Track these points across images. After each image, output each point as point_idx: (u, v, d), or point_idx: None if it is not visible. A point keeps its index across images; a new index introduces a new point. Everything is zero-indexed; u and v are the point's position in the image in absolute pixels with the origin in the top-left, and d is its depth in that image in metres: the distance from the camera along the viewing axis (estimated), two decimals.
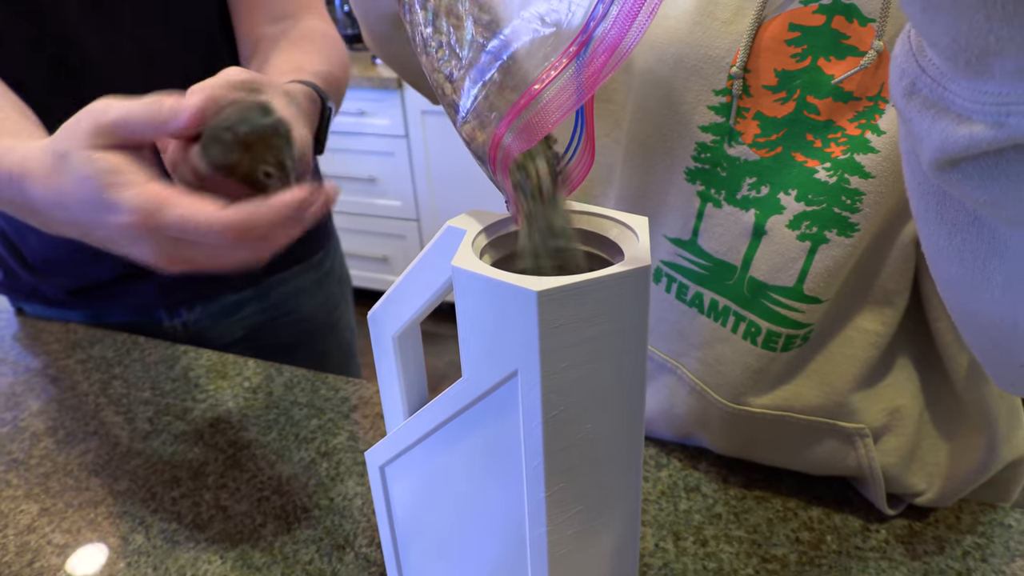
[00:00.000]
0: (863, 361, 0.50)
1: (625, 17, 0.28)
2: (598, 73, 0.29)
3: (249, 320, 0.88)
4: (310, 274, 0.91)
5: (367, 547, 0.54)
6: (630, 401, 0.33)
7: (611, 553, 0.38)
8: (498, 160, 0.31)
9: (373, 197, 2.46)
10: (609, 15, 0.28)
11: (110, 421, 0.69)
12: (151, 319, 0.84)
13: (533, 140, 0.30)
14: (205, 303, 0.85)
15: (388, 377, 0.42)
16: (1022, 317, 0.31)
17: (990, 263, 0.30)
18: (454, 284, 0.32)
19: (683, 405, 0.58)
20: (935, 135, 0.26)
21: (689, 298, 0.53)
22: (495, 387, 0.32)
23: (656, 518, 0.55)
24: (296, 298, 0.91)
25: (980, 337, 0.36)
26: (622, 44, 0.28)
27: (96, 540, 0.56)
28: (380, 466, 0.43)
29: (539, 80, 0.30)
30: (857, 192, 0.44)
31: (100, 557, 0.55)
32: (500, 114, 0.31)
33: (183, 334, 0.85)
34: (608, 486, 0.35)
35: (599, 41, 0.28)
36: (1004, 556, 0.51)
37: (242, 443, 0.65)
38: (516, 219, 0.34)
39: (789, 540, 0.53)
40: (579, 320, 0.29)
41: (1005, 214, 0.27)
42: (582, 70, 0.29)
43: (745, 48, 0.44)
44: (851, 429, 0.52)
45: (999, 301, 0.31)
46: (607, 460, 0.34)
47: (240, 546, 0.55)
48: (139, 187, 0.42)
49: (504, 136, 0.31)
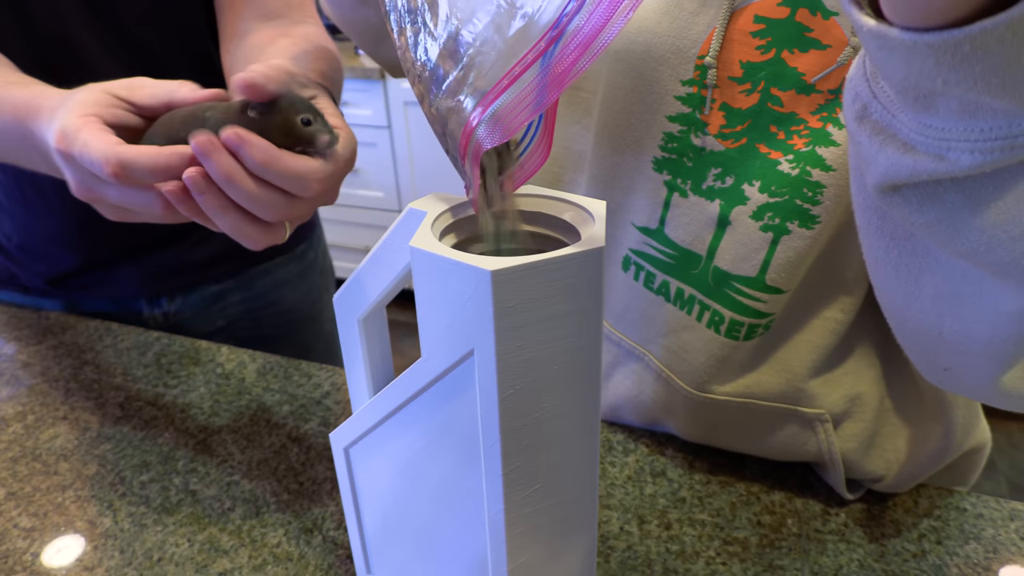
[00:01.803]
0: (822, 348, 0.51)
1: (601, 13, 0.28)
2: (569, 70, 0.29)
3: (231, 311, 0.88)
4: (293, 265, 0.91)
5: (335, 530, 0.54)
6: (586, 381, 0.34)
7: (569, 532, 0.38)
8: (469, 151, 0.32)
9: (356, 188, 2.45)
10: (584, 10, 0.28)
11: (80, 406, 0.69)
12: (130, 309, 0.84)
13: (507, 135, 0.31)
14: (186, 293, 0.84)
15: (354, 360, 0.43)
16: (947, 328, 0.33)
17: (922, 277, 0.33)
18: (412, 265, 0.32)
19: (650, 392, 0.58)
20: (882, 161, 0.28)
21: (656, 286, 0.54)
22: (453, 367, 0.33)
23: (622, 502, 0.56)
24: (279, 289, 0.90)
25: (910, 340, 0.39)
26: (595, 41, 0.28)
27: (63, 524, 0.56)
28: (344, 447, 0.43)
29: (508, 75, 0.30)
30: (818, 185, 0.45)
31: (67, 540, 0.55)
32: (472, 100, 0.31)
33: (163, 324, 0.85)
34: (565, 466, 0.36)
35: (571, 36, 0.29)
36: (958, 539, 0.52)
37: (213, 428, 0.65)
38: (474, 204, 0.34)
39: (751, 523, 0.54)
40: (533, 300, 0.30)
41: (938, 237, 0.29)
42: (550, 67, 0.29)
43: (718, 37, 0.45)
44: (811, 415, 0.53)
45: (928, 311, 0.34)
46: (564, 440, 0.35)
47: (208, 529, 0.55)
48: (75, 116, 0.43)
49: (477, 128, 0.31)
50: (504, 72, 0.30)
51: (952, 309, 0.33)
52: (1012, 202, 0.26)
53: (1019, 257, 0.27)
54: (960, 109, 0.24)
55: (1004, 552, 0.51)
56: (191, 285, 0.84)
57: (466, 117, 0.31)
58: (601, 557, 0.52)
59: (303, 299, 0.93)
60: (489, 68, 0.31)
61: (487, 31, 0.31)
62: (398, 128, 2.27)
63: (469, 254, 0.30)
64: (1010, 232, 0.27)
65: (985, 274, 0.30)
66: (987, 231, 0.27)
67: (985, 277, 0.30)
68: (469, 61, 0.32)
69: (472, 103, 0.31)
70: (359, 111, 2.30)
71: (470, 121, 0.31)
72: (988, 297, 0.31)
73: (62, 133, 0.42)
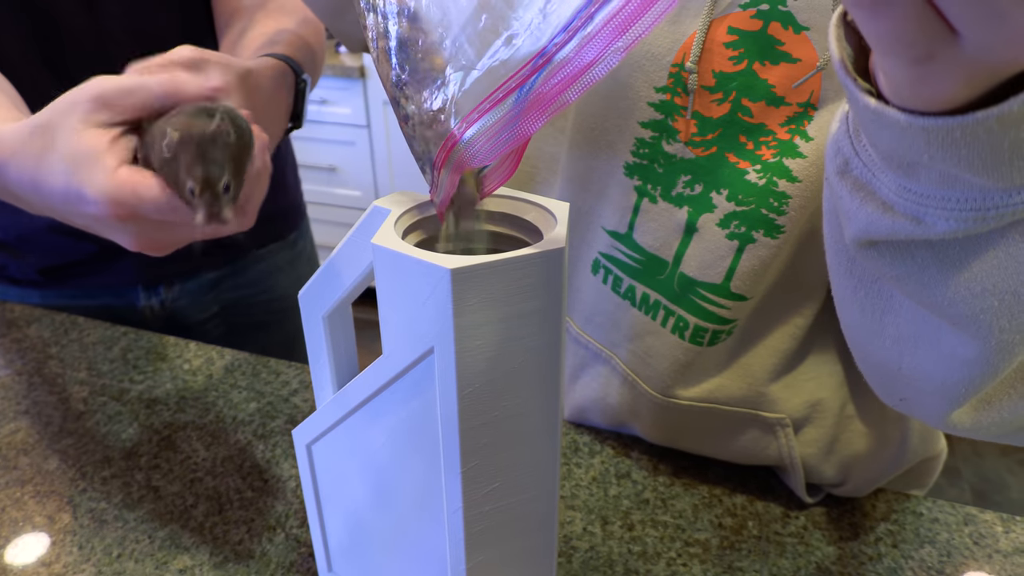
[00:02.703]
0: (784, 352, 0.52)
1: (592, 49, 0.28)
2: (553, 99, 0.29)
3: (224, 297, 0.88)
4: (284, 252, 0.92)
5: (298, 528, 0.54)
6: (546, 381, 0.34)
7: (529, 531, 0.39)
8: (449, 163, 0.32)
9: (333, 186, 2.44)
10: (572, 43, 0.28)
11: (43, 401, 0.68)
12: (126, 299, 0.83)
13: (490, 158, 0.31)
14: (184, 280, 0.84)
15: (318, 357, 0.43)
16: (905, 365, 0.37)
17: (885, 318, 0.36)
18: (374, 262, 0.32)
19: (616, 395, 0.59)
20: (862, 217, 0.31)
21: (623, 290, 0.55)
22: (413, 364, 0.33)
23: (586, 503, 0.56)
24: (271, 276, 0.91)
25: (871, 370, 0.42)
26: (585, 75, 0.28)
27: (20, 519, 0.55)
28: (307, 444, 0.43)
29: (490, 98, 0.30)
30: (784, 195, 0.45)
31: (23, 536, 0.54)
32: (455, 118, 0.31)
33: (159, 314, 0.84)
34: (525, 465, 0.36)
35: (558, 67, 0.28)
36: (914, 542, 0.54)
37: (178, 425, 0.65)
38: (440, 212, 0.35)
39: (712, 525, 0.55)
40: (493, 299, 0.30)
41: (905, 288, 0.32)
42: (530, 97, 0.29)
43: (698, 43, 0.45)
44: (773, 419, 0.54)
45: (889, 349, 0.37)
46: (523, 439, 0.35)
47: (169, 526, 0.54)
48: (108, 174, 0.40)
49: (460, 143, 0.31)
50: (486, 95, 0.30)
51: (911, 350, 0.35)
52: (977, 265, 0.29)
53: (978, 312, 0.30)
54: (940, 179, 0.27)
55: (957, 556, 0.52)
56: (190, 272, 0.84)
57: (447, 130, 0.31)
58: (563, 557, 0.52)
59: (293, 287, 0.94)
60: (472, 86, 0.31)
61: (468, 47, 0.31)
62: (377, 127, 2.27)
63: (430, 252, 0.30)
64: (972, 290, 0.30)
65: (945, 323, 0.32)
66: (951, 288, 0.30)
67: (944, 326, 0.32)
68: (449, 77, 0.32)
69: (455, 120, 0.31)
70: (338, 109, 2.29)
71: (453, 134, 0.31)
72: (945, 343, 0.33)
73: (112, 199, 0.39)
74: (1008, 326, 0.30)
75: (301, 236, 0.95)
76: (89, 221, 0.43)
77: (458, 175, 0.32)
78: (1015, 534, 0.54)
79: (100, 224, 0.42)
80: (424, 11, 0.32)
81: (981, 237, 0.28)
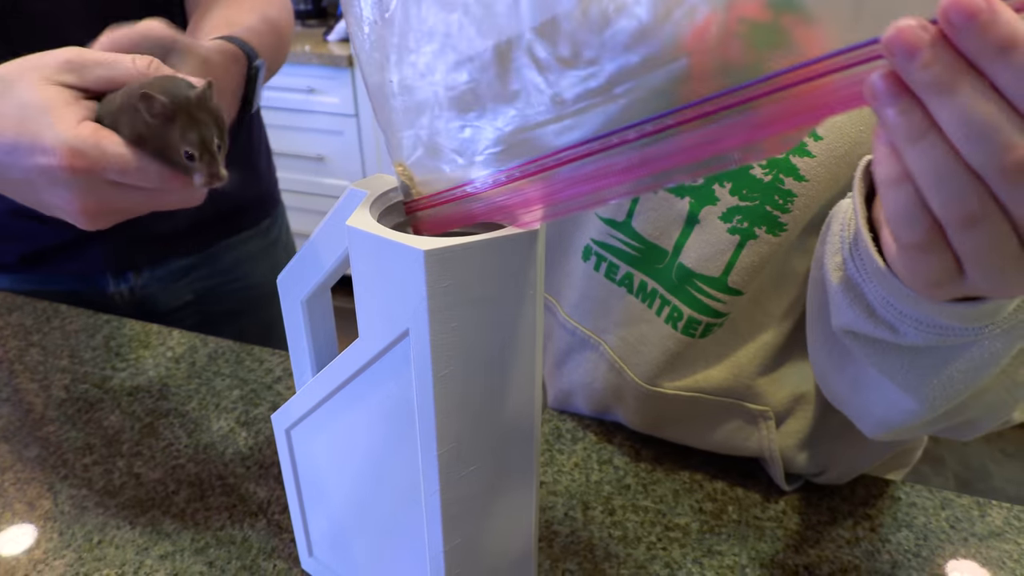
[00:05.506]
0: (772, 346, 0.53)
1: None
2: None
3: (197, 285, 0.87)
4: (257, 240, 0.91)
5: (280, 514, 0.54)
6: (521, 364, 0.34)
7: (507, 514, 0.39)
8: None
9: (321, 176, 2.43)
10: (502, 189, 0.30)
11: (24, 388, 0.67)
12: (95, 286, 0.82)
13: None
14: (153, 267, 0.83)
15: (297, 342, 0.43)
16: (855, 399, 0.44)
17: (847, 367, 0.42)
18: (349, 244, 0.32)
19: (602, 380, 0.59)
20: (848, 314, 0.37)
21: (619, 277, 0.55)
22: (389, 347, 0.33)
23: (568, 488, 0.57)
24: (243, 264, 0.90)
25: (826, 390, 0.48)
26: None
27: (1, 507, 0.55)
28: (286, 429, 0.43)
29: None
30: (790, 193, 0.45)
31: (3, 523, 0.54)
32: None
33: (129, 301, 0.83)
34: (502, 448, 0.36)
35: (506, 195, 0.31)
36: (891, 526, 0.54)
37: (160, 412, 0.65)
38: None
39: (693, 510, 0.55)
40: (467, 281, 0.30)
41: (871, 360, 0.38)
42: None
43: None
44: (756, 411, 0.54)
45: (844, 384, 0.44)
46: (500, 421, 0.35)
47: (151, 512, 0.54)
48: (69, 125, 0.39)
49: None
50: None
51: (863, 391, 0.42)
52: (931, 360, 0.36)
53: (923, 386, 0.37)
54: (914, 303, 0.33)
55: (934, 539, 0.53)
56: (158, 259, 0.83)
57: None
58: (544, 542, 0.52)
59: (268, 275, 0.93)
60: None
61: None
62: (365, 116, 2.25)
63: (404, 234, 0.30)
64: (926, 371, 0.37)
65: (896, 387, 0.39)
66: (912, 376, 0.37)
67: (895, 387, 0.39)
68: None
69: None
70: (326, 99, 2.27)
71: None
72: (891, 396, 0.40)
73: (72, 149, 0.38)
74: (944, 396, 0.37)
75: (275, 224, 0.94)
76: (32, 176, 0.40)
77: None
78: (991, 518, 0.54)
79: (44, 178, 0.40)
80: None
81: (944, 348, 0.35)
